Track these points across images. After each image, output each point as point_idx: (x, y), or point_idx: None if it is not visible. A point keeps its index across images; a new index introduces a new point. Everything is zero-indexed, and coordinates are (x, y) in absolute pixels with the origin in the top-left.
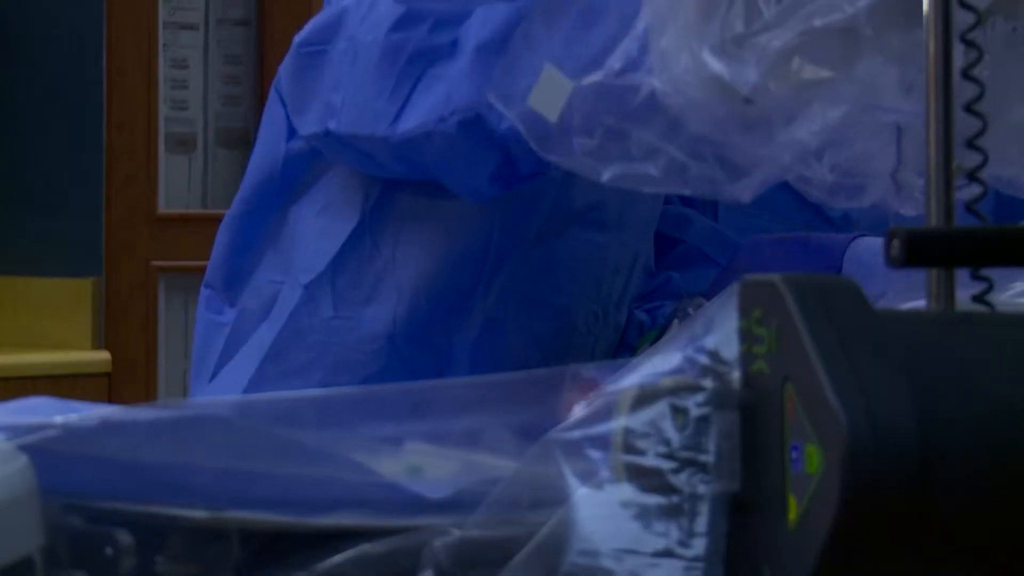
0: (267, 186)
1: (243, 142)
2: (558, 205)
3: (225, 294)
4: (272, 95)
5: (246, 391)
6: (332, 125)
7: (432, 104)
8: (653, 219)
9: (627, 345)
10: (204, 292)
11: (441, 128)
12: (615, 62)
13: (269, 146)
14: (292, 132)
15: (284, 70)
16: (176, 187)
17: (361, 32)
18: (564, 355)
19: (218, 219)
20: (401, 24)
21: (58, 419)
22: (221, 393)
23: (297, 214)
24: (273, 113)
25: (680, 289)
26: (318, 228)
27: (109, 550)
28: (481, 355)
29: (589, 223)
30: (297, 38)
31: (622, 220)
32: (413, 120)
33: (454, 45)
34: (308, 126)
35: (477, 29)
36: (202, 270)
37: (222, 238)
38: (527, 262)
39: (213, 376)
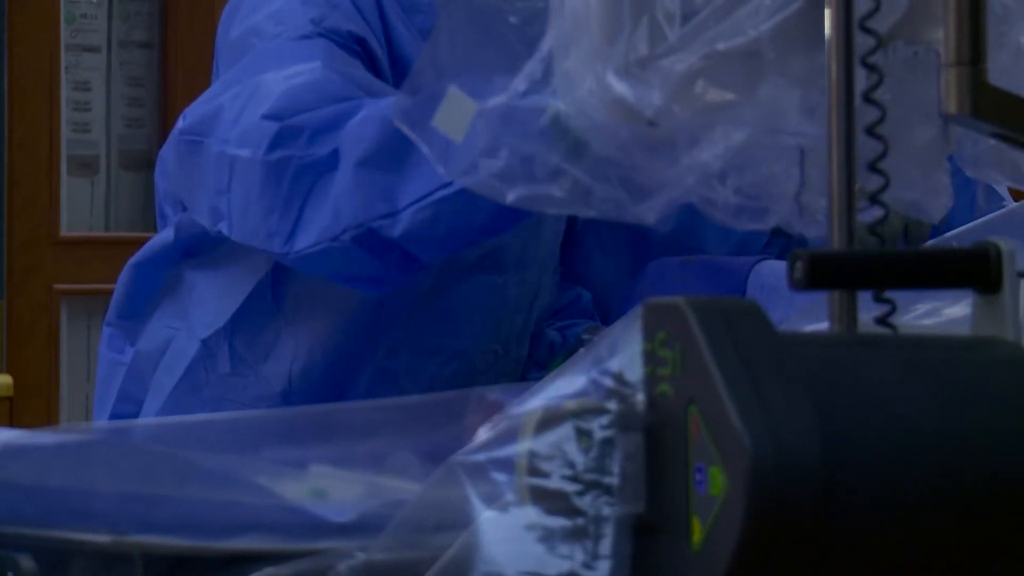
0: (164, 244)
1: (146, 164)
2: (451, 259)
3: (126, 334)
4: (159, 168)
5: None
6: (224, 229)
7: (323, 223)
8: (555, 249)
9: (539, 364)
10: (106, 330)
11: (336, 245)
12: (520, 83)
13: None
14: (183, 206)
15: (168, 153)
16: (78, 210)
17: (232, 141)
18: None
19: (121, 242)
20: (278, 141)
21: None
22: None
23: (195, 268)
24: (161, 186)
25: (590, 306)
26: (218, 284)
27: (11, 575)
28: None
29: (486, 268)
30: (179, 124)
31: (523, 259)
32: (306, 240)
33: (335, 155)
34: (200, 216)
35: (354, 142)
36: (105, 293)
37: (123, 280)
38: (421, 313)
39: (113, 415)
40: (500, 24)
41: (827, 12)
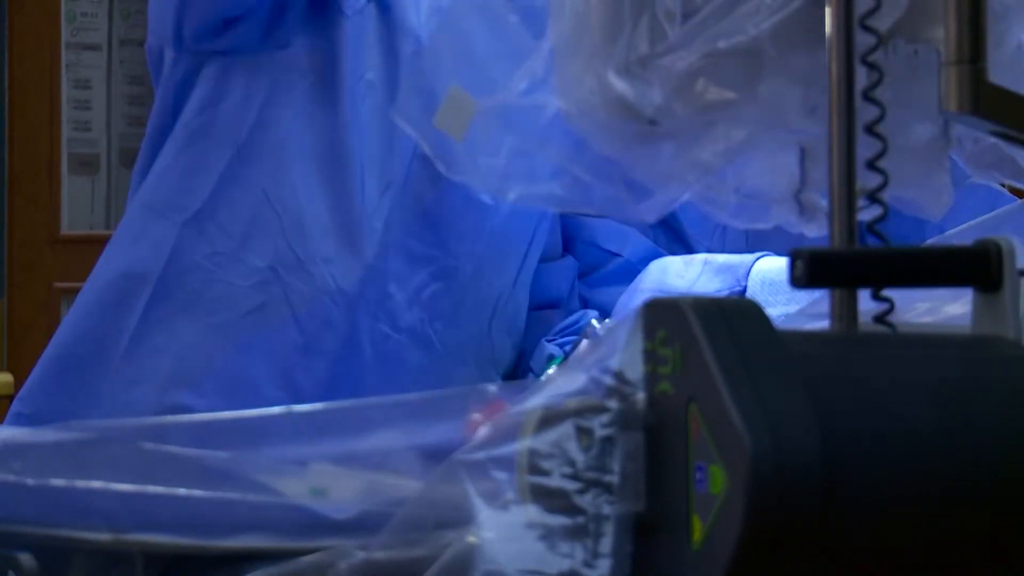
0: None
1: None
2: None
3: None
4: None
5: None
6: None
7: None
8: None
9: (537, 376)
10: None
11: None
12: (520, 82)
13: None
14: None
15: None
16: (79, 208)
17: None
18: (448, 320)
19: None
20: None
21: None
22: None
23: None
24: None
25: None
26: (185, 164)
27: (12, 573)
28: (373, 278)
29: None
30: None
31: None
32: None
33: None
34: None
35: None
36: None
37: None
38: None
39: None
40: (501, 22)
41: (827, 10)
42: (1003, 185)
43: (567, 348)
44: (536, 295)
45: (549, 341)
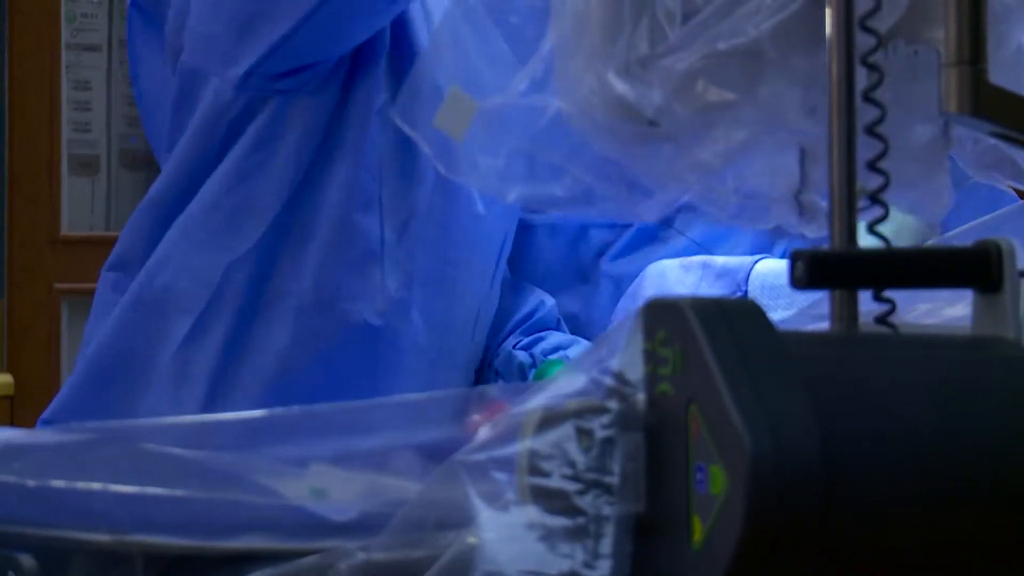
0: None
1: (147, 164)
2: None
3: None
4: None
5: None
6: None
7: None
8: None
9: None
10: (109, 276)
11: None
12: (520, 83)
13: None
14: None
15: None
16: (79, 209)
17: None
18: (447, 332)
19: None
20: None
21: None
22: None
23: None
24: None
25: (555, 313)
26: (236, 203)
27: (12, 574)
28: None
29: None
30: None
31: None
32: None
33: None
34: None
35: None
36: None
37: (141, 217)
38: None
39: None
40: (501, 23)
41: (828, 11)
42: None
43: (534, 352)
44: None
45: (514, 348)
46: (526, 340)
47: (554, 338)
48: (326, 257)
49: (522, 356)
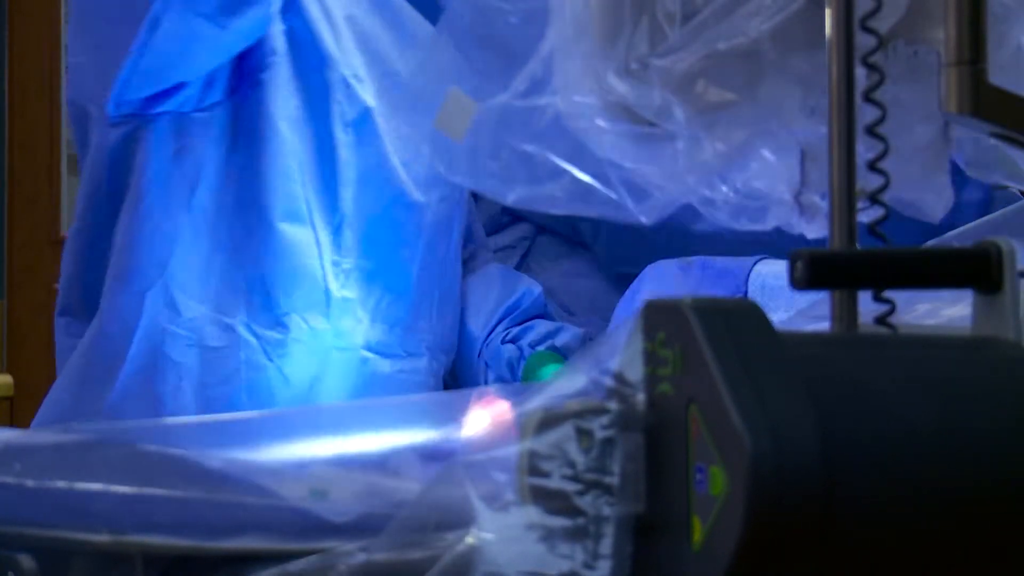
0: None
1: None
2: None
3: (84, 316)
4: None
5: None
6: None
7: None
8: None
9: (500, 380)
10: (60, 321)
11: None
12: (520, 84)
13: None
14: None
15: None
16: None
17: None
18: (403, 329)
19: None
20: None
21: None
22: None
23: (124, 221)
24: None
25: (542, 301)
26: (143, 233)
27: (12, 574)
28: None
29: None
30: None
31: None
32: None
33: None
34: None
35: None
36: None
37: (67, 260)
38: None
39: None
40: (501, 24)
41: (828, 12)
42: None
43: (521, 344)
44: None
45: (503, 343)
46: (514, 331)
47: (541, 327)
48: (262, 271)
49: (510, 350)
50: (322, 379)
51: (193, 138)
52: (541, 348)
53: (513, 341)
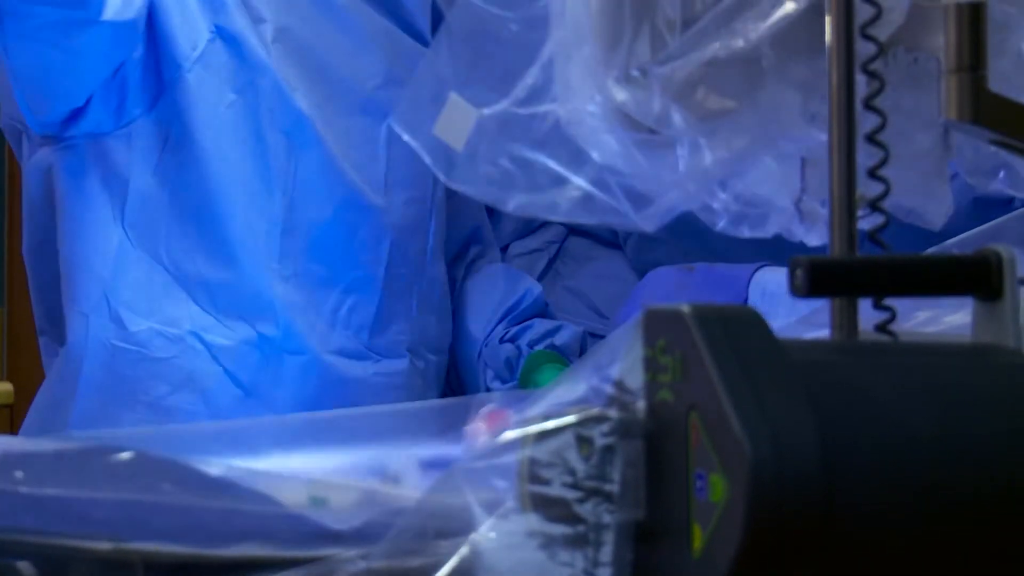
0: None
1: None
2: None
3: (55, 335)
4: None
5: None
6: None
7: None
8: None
9: (500, 379)
10: (41, 340)
11: None
12: (520, 91)
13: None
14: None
15: None
16: None
17: None
18: (372, 331)
19: None
20: None
21: None
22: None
23: (62, 242)
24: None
25: (542, 301)
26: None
27: None
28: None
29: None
30: None
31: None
32: None
33: None
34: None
35: None
36: None
37: (30, 280)
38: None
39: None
40: (501, 31)
41: (828, 19)
42: None
43: (519, 344)
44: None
45: (501, 342)
46: (513, 330)
47: (540, 326)
48: (204, 279)
49: (508, 349)
50: (281, 383)
51: (116, 155)
52: (540, 347)
53: (512, 340)
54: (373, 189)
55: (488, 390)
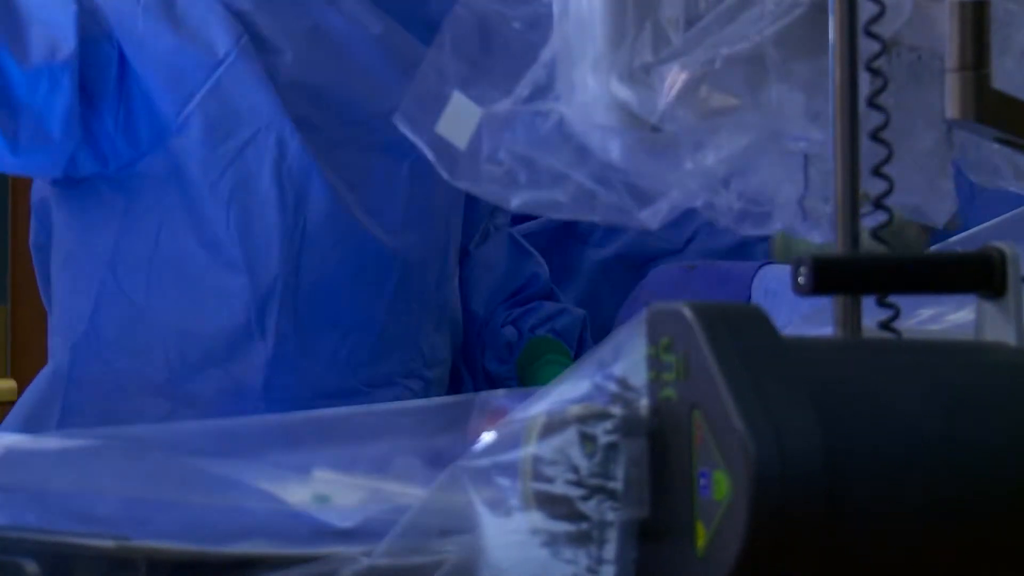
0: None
1: None
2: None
3: None
4: None
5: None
6: None
7: None
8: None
9: (499, 359)
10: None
11: None
12: (523, 89)
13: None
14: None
15: None
16: None
17: None
18: (370, 366)
19: None
20: None
21: None
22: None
23: (53, 274)
24: None
25: (548, 284)
26: (67, 285)
27: None
28: (274, 377)
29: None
30: None
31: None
32: None
33: None
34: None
35: None
36: None
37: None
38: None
39: None
40: (504, 29)
41: (831, 17)
42: None
43: (521, 325)
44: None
45: (503, 326)
46: (516, 312)
47: (544, 309)
48: (185, 325)
49: (509, 332)
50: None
51: (102, 201)
52: (541, 331)
53: (513, 322)
54: (386, 231)
55: (485, 370)
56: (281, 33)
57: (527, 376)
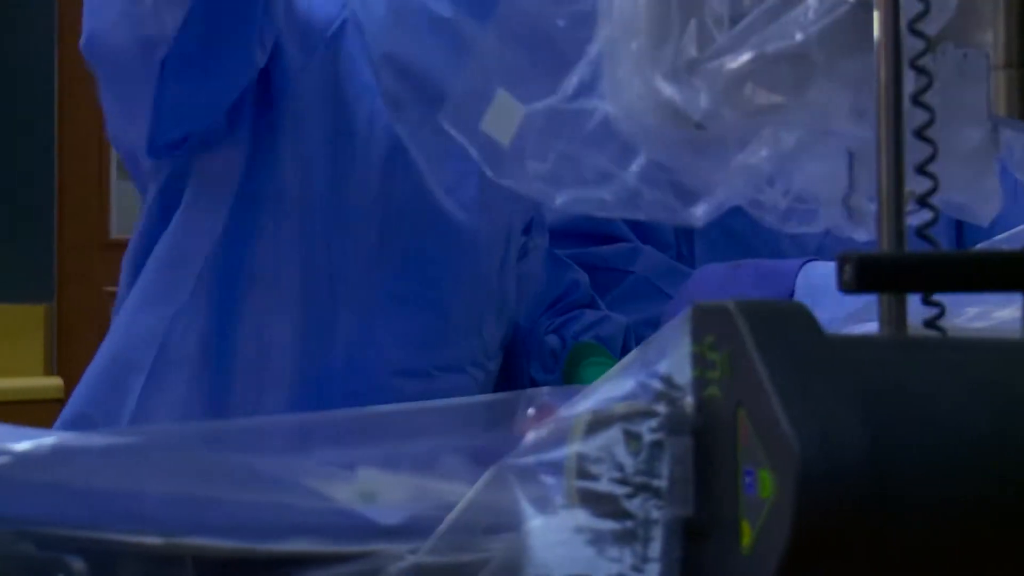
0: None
1: None
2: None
3: None
4: None
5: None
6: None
7: None
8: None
9: (545, 369)
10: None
11: None
12: (568, 86)
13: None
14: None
15: None
16: (128, 213)
17: None
18: (439, 348)
19: None
20: None
21: (10, 446)
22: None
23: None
24: None
25: (589, 291)
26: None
27: None
28: (355, 355)
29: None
30: None
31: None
32: None
33: None
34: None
35: None
36: None
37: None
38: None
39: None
40: (549, 27)
41: (876, 15)
42: None
43: (564, 333)
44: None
45: (545, 334)
46: (558, 321)
47: (586, 317)
48: (269, 308)
49: (553, 341)
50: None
51: (212, 175)
52: (584, 338)
53: (556, 331)
54: (463, 208)
55: (531, 379)
56: (368, 7)
57: (572, 379)
